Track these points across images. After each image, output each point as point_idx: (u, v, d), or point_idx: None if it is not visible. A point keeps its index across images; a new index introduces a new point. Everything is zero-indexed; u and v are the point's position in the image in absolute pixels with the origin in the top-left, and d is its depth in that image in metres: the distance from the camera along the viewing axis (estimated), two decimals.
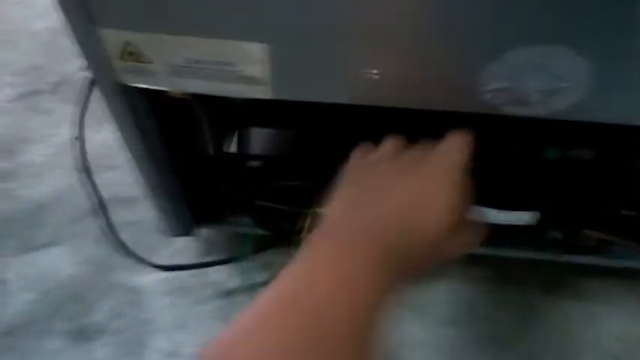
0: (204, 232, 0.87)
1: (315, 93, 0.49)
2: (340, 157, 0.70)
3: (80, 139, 0.65)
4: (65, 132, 1.04)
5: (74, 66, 1.13)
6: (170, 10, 0.44)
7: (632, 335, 0.77)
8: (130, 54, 0.48)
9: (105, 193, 0.77)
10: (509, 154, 0.59)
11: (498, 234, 0.67)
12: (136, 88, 0.52)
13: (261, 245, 0.77)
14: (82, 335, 0.80)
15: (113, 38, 0.47)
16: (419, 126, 0.61)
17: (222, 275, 0.84)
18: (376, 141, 0.66)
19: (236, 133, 0.72)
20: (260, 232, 0.74)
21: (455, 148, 0.48)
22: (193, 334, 0.79)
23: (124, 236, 0.79)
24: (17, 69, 1.18)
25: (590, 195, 0.62)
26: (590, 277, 0.81)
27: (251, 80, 0.49)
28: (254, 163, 0.73)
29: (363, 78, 0.46)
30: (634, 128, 0.47)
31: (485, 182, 0.62)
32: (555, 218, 0.65)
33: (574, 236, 0.68)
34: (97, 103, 0.57)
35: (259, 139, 0.75)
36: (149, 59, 0.49)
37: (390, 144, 0.52)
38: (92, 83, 0.57)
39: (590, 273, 0.80)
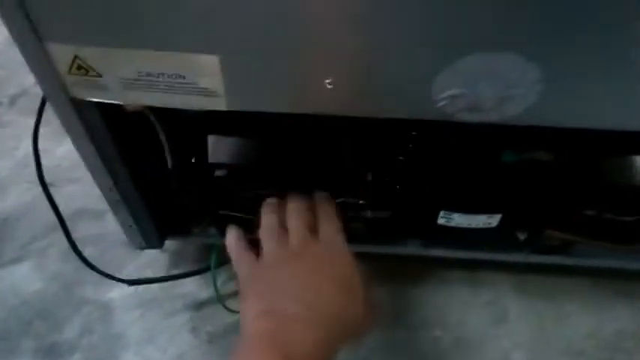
0: (172, 244, 0.86)
1: (268, 104, 0.49)
2: (303, 164, 0.70)
3: (35, 152, 0.63)
4: (27, 145, 1.02)
5: (32, 78, 1.09)
6: (118, 23, 0.43)
7: (603, 332, 0.77)
8: (79, 68, 0.47)
9: (69, 207, 0.76)
10: (467, 160, 0.59)
11: (464, 237, 0.67)
12: (89, 102, 0.51)
13: (228, 256, 0.76)
14: (52, 353, 0.78)
15: (61, 52, 0.46)
16: (377, 132, 0.61)
17: (192, 287, 0.83)
18: (339, 149, 0.66)
19: (198, 143, 0.71)
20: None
21: (330, 220, 0.59)
22: (164, 347, 0.78)
23: (91, 250, 0.78)
24: None
25: (551, 196, 0.63)
26: (561, 277, 0.82)
27: (204, 92, 0.48)
28: (217, 173, 0.72)
29: (316, 88, 0.46)
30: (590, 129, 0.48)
31: (447, 187, 0.62)
32: (517, 220, 0.66)
33: (538, 237, 0.68)
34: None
35: (222, 148, 0.74)
36: (99, 73, 0.48)
37: (270, 241, 0.58)
38: (45, 99, 0.56)
39: (560, 272, 0.80)
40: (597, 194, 0.64)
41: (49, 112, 0.59)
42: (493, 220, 0.63)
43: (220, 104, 0.49)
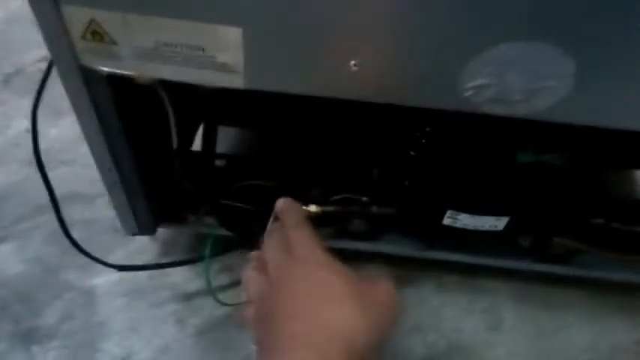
0: (163, 232, 0.84)
1: (288, 84, 0.47)
2: (307, 156, 0.68)
3: (33, 129, 0.61)
4: (19, 124, 1.01)
5: (30, 57, 1.10)
6: None
7: (601, 346, 0.77)
8: (94, 33, 0.46)
9: (59, 189, 0.73)
10: (481, 158, 0.59)
11: (467, 241, 0.66)
12: (99, 72, 0.49)
13: (222, 247, 0.74)
14: (29, 338, 0.75)
15: (76, 15, 0.44)
16: (388, 126, 0.60)
17: (180, 278, 0.81)
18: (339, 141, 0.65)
19: (201, 131, 0.69)
20: (222, 232, 0.71)
21: (294, 219, 0.52)
22: (148, 338, 0.76)
23: (79, 234, 0.75)
24: None
25: (560, 202, 0.62)
26: (561, 287, 0.81)
27: (223, 67, 0.46)
28: (219, 162, 0.71)
29: (340, 69, 0.45)
30: (607, 135, 0.47)
31: (457, 185, 0.61)
32: (525, 224, 0.65)
33: (544, 244, 0.68)
34: (55, 96, 0.54)
35: (225, 137, 0.73)
36: (114, 40, 0.46)
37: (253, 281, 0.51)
38: (49, 70, 0.54)
39: (561, 282, 0.80)
40: (607, 203, 0.64)
41: (44, 93, 0.57)
42: (500, 223, 0.62)
43: (237, 81, 0.47)
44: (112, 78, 0.50)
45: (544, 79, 0.42)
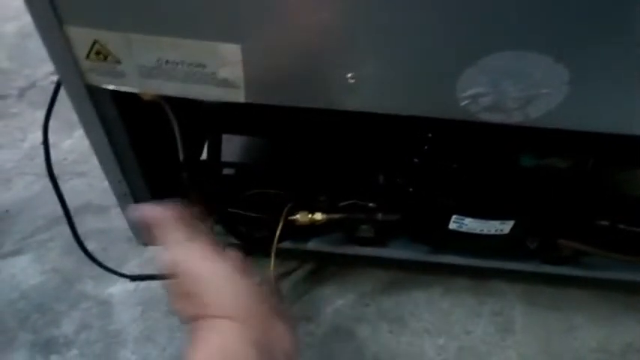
0: None
1: (287, 97, 0.48)
2: (314, 164, 0.69)
3: (45, 144, 0.62)
4: (34, 137, 1.02)
5: (43, 70, 1.11)
6: (141, 9, 0.43)
7: (611, 346, 0.76)
8: (98, 53, 0.47)
9: (74, 200, 0.75)
10: (484, 163, 0.59)
11: (474, 244, 0.66)
12: (105, 89, 0.50)
13: None
14: (48, 347, 0.77)
15: (80, 37, 0.46)
16: (391, 133, 0.61)
17: None
18: (350, 150, 0.66)
19: (208, 141, 0.70)
20: (232, 240, 0.72)
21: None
22: (163, 346, 0.77)
23: (94, 244, 0.77)
24: None
25: (566, 204, 0.62)
26: (569, 288, 0.81)
27: (223, 83, 0.47)
28: (227, 171, 0.72)
29: (339, 82, 0.45)
30: (608, 138, 0.47)
31: (461, 190, 0.62)
32: (530, 227, 0.65)
33: (550, 246, 0.67)
34: (68, 108, 0.55)
35: (232, 146, 0.73)
36: (118, 59, 0.47)
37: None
38: (58, 87, 0.56)
39: (569, 283, 0.80)
40: (612, 204, 0.63)
41: (57, 105, 0.58)
42: (505, 227, 0.62)
43: (238, 96, 0.48)
44: (118, 94, 0.51)
45: (538, 87, 0.42)
